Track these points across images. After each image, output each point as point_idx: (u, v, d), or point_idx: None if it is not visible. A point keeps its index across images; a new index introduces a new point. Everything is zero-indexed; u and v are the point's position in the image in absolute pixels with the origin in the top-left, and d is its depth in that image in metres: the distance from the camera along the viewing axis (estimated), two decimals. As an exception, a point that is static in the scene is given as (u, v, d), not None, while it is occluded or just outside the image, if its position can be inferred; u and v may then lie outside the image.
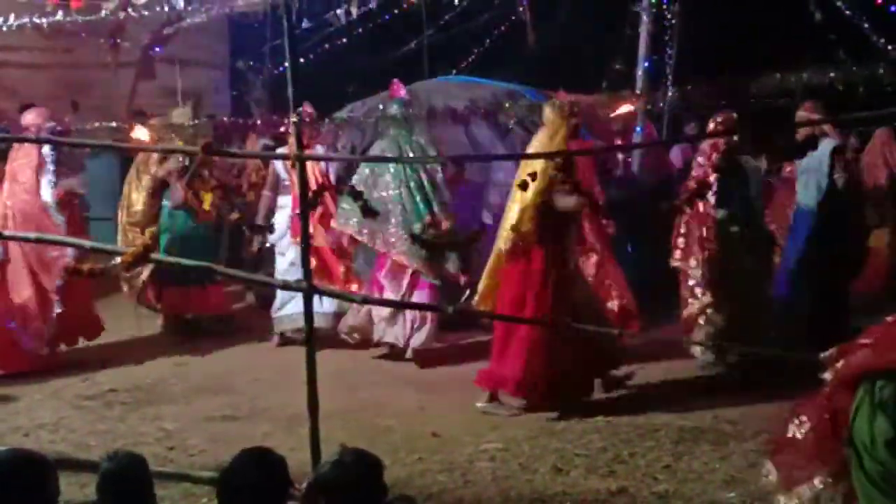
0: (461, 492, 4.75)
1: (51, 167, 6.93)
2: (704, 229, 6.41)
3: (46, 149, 6.86)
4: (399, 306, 7.37)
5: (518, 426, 5.66)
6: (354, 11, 8.43)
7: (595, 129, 8.71)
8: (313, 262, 5.52)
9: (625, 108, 7.47)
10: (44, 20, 7.66)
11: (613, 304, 7.31)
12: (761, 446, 5.20)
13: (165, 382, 6.81)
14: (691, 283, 6.47)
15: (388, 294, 7.01)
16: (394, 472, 4.80)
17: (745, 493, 4.62)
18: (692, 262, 6.45)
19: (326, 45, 11.31)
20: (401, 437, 5.53)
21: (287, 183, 7.60)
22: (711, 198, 6.34)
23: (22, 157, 7.05)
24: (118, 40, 11.22)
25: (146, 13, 5.89)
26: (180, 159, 7.72)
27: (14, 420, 6.00)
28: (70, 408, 6.26)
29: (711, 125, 6.65)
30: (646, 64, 7.93)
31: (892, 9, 8.59)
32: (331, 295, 5.30)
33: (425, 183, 7.19)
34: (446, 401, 6.23)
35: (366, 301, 5.24)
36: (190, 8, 5.70)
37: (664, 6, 8.59)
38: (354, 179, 7.32)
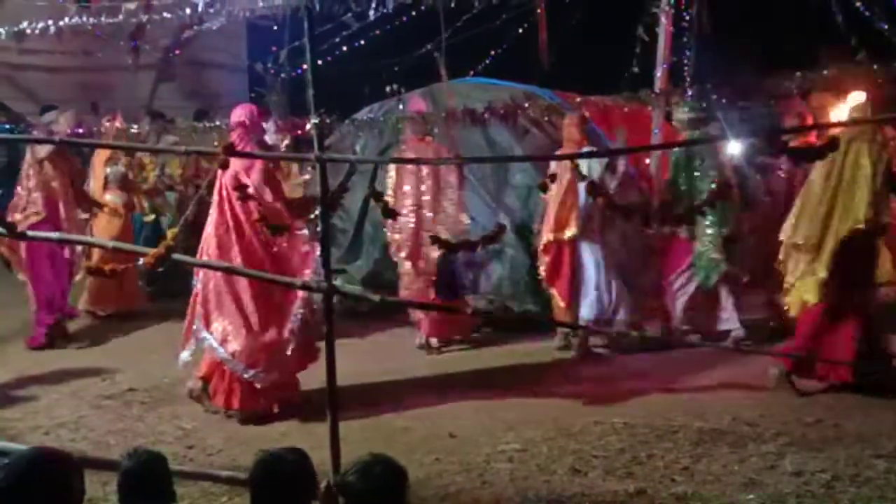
0: (478, 492, 4.75)
1: None
2: None
3: None
4: (414, 306, 7.37)
5: (535, 427, 5.65)
6: (371, 14, 8.45)
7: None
8: None
9: None
10: (64, 21, 7.72)
11: None
12: (780, 448, 5.20)
13: (184, 382, 6.82)
14: None
15: None
16: (411, 472, 4.75)
17: (763, 495, 4.61)
18: None
19: (344, 48, 11.32)
20: (418, 438, 5.53)
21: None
22: None
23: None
24: (138, 43, 11.29)
25: (167, 15, 5.93)
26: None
27: (34, 419, 6.05)
28: (89, 407, 6.30)
29: None
30: (665, 65, 7.90)
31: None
32: (349, 295, 5.30)
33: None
34: (464, 402, 6.22)
35: (384, 302, 5.23)
36: (212, 10, 5.72)
37: (682, 7, 8.56)
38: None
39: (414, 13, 10.07)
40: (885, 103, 6.38)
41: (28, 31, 6.58)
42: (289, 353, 5.88)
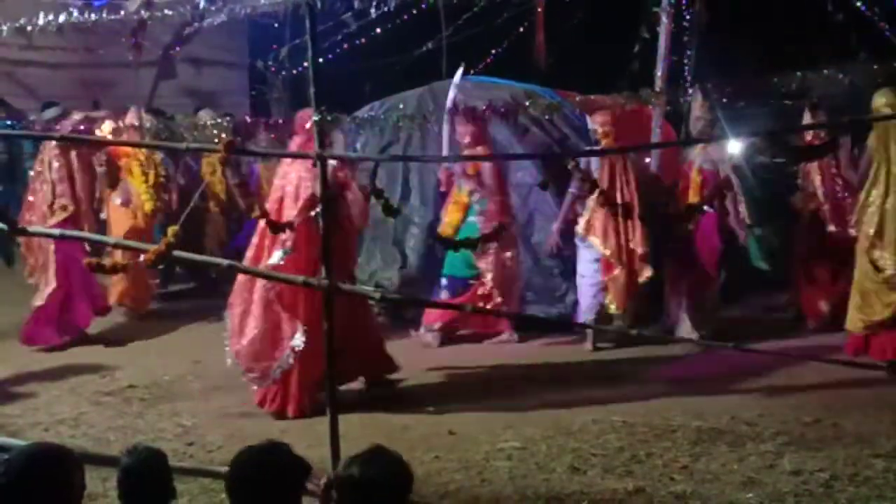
0: (478, 490, 4.76)
1: None
2: None
3: None
4: (418, 304, 7.37)
5: (534, 425, 5.66)
6: (373, 12, 8.43)
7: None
8: None
9: None
10: (65, 17, 7.68)
11: None
12: (779, 447, 5.21)
13: (183, 379, 6.85)
14: None
15: None
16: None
17: (762, 493, 4.62)
18: None
19: (345, 45, 11.34)
20: (418, 435, 5.54)
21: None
22: None
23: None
24: (139, 40, 11.28)
25: (168, 12, 5.93)
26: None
27: (34, 416, 6.05)
28: (89, 404, 6.30)
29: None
30: (665, 64, 7.91)
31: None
32: (350, 292, 5.30)
33: None
34: (463, 399, 6.23)
35: (384, 299, 5.24)
36: (213, 8, 5.72)
37: (684, 6, 8.57)
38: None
39: (415, 11, 10.08)
40: None
41: (29, 27, 6.57)
42: (288, 368, 5.87)
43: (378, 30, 11.27)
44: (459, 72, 8.28)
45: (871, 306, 6.71)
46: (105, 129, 8.49)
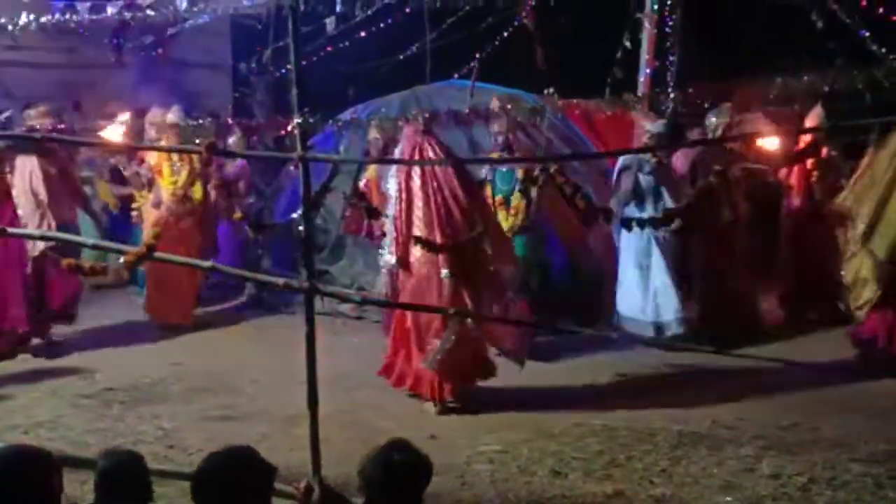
0: (459, 494, 4.76)
1: None
2: None
3: None
4: (401, 307, 7.35)
5: (516, 429, 5.67)
6: (357, 14, 8.45)
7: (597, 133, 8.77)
8: None
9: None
10: (46, 18, 7.65)
11: None
12: (758, 451, 5.24)
13: (163, 382, 6.81)
14: None
15: None
16: (392, 473, 4.80)
17: (741, 497, 4.65)
18: None
19: (329, 48, 11.33)
20: (399, 439, 5.52)
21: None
22: None
23: None
24: (121, 41, 11.23)
25: (150, 13, 5.92)
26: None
27: (12, 418, 6.00)
28: (68, 406, 6.25)
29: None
30: (648, 70, 7.97)
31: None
32: (331, 295, 5.30)
33: None
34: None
35: (365, 301, 5.24)
36: (195, 9, 5.71)
37: (666, 12, 8.64)
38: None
39: (399, 14, 10.10)
40: None
41: (10, 26, 6.54)
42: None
43: (362, 33, 11.28)
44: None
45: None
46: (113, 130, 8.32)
